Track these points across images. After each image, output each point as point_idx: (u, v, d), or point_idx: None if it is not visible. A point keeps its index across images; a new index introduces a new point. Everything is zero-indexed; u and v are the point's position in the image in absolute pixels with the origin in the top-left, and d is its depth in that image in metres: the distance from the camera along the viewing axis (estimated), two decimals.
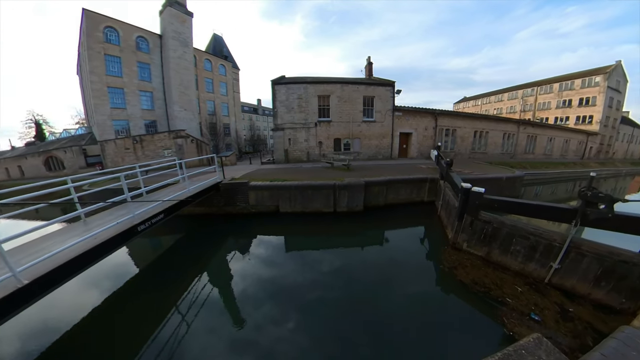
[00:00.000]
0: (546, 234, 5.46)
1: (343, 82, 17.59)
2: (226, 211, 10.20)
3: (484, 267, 6.18)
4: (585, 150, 34.98)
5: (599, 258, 4.99)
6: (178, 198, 7.17)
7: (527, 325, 4.57)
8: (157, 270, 7.08)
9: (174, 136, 19.95)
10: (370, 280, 6.24)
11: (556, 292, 5.39)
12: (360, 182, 10.20)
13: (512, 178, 13.26)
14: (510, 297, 5.20)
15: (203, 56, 29.21)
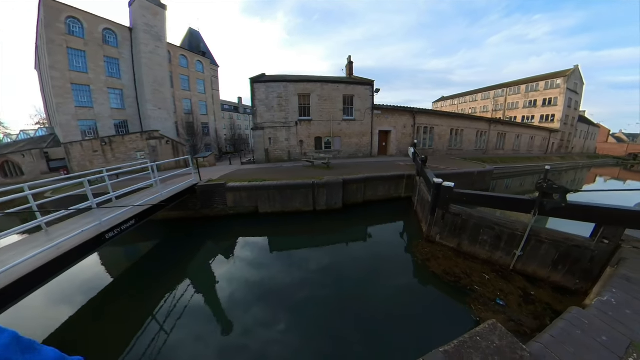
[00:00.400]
0: (510, 224, 5.84)
1: (323, 80, 17.62)
2: (204, 214, 9.93)
3: (455, 257, 6.49)
4: (549, 145, 37.82)
5: (556, 244, 5.42)
6: (150, 203, 6.85)
7: (492, 310, 4.86)
8: (133, 279, 6.70)
9: (147, 137, 18.95)
10: (354, 276, 6.35)
11: (520, 277, 5.78)
12: (338, 180, 10.31)
13: (483, 172, 14.03)
14: (478, 285, 5.50)
15: (178, 52, 27.85)
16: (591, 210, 4.93)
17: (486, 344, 2.37)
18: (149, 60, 23.21)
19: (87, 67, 20.59)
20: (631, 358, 2.43)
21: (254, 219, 9.98)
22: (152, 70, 23.38)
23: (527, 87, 43.04)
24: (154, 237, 8.91)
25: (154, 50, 23.53)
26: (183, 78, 28.21)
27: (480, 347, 2.33)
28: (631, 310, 3.10)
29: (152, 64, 23.43)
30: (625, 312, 3.05)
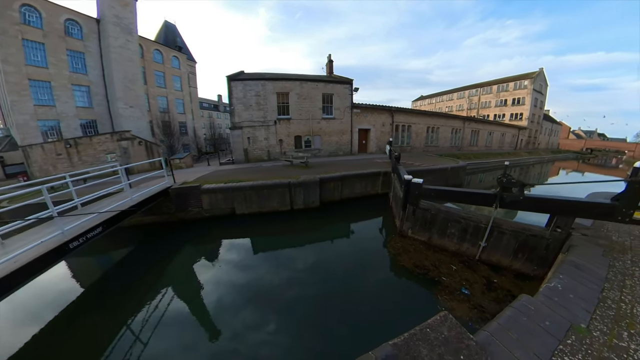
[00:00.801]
0: (474, 217, 6.07)
1: (302, 79, 17.43)
2: (179, 217, 9.54)
3: (425, 250, 6.67)
4: (518, 142, 40.17)
5: (515, 234, 5.70)
6: (118, 208, 6.49)
7: (457, 299, 5.03)
8: (106, 289, 6.22)
9: (117, 138, 17.77)
10: (334, 272, 6.39)
11: (485, 266, 6.05)
12: (315, 178, 10.29)
13: (456, 168, 14.57)
14: (446, 276, 5.68)
15: (152, 46, 26.27)
16: (545, 202, 5.22)
17: (435, 335, 2.41)
18: (119, 54, 21.78)
19: (47, 62, 18.93)
20: (569, 340, 2.57)
21: (231, 221, 9.72)
22: (122, 65, 21.97)
23: (499, 88, 45.39)
24: (128, 244, 8.40)
25: (125, 44, 22.10)
26: (158, 74, 26.74)
27: (428, 339, 2.36)
28: (575, 294, 3.30)
29: (123, 59, 22.01)
30: (569, 296, 3.24)
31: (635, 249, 5.10)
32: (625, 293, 3.55)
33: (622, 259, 4.60)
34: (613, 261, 4.47)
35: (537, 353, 2.37)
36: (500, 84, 45.19)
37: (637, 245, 5.31)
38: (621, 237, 5.69)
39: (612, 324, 2.87)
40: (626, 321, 2.96)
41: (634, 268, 4.30)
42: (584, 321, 2.84)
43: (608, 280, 3.82)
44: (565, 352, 2.43)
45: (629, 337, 2.70)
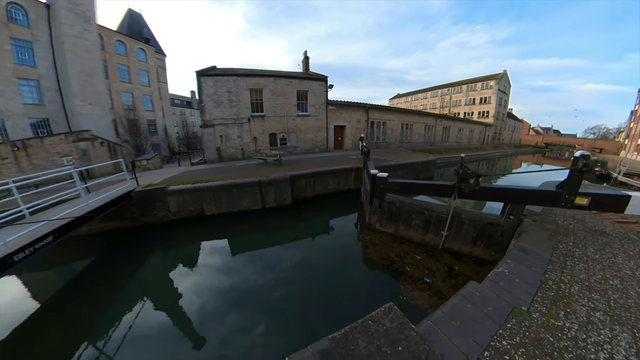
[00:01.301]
0: (436, 208, 6.18)
1: (276, 75, 16.97)
2: (144, 222, 8.87)
3: (392, 242, 6.72)
4: (485, 137, 42.59)
5: (474, 223, 5.88)
6: (72, 215, 5.87)
7: (419, 288, 5.08)
8: (66, 302, 5.53)
9: (74, 139, 16.12)
10: (307, 268, 6.28)
11: (447, 254, 6.20)
12: (285, 176, 10.08)
13: (427, 162, 15.03)
14: (409, 266, 5.73)
15: (114, 37, 23.99)
16: (499, 191, 5.43)
17: (376, 327, 2.32)
18: (74, 45, 19.71)
19: None
20: (510, 324, 2.59)
21: (200, 222, 9.23)
22: (78, 57, 19.93)
23: (468, 87, 47.81)
24: (90, 253, 7.59)
25: (80, 34, 20.04)
26: (121, 68, 24.50)
27: (369, 331, 2.26)
28: (520, 278, 3.38)
29: (79, 50, 19.96)
30: (514, 281, 3.32)
31: (577, 232, 5.47)
32: (565, 273, 3.73)
33: (565, 242, 4.89)
34: (557, 244, 4.72)
35: (476, 339, 2.34)
36: (469, 84, 47.63)
37: (578, 228, 5.70)
38: (566, 220, 6.09)
39: (551, 305, 2.96)
40: (564, 301, 3.07)
41: (575, 249, 4.58)
42: (525, 304, 2.90)
43: (551, 262, 4.00)
44: (504, 336, 2.44)
45: (564, 316, 2.79)
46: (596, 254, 4.45)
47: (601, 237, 5.24)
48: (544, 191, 5.06)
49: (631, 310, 2.98)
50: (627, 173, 19.28)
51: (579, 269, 3.87)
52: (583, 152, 4.37)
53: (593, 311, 2.91)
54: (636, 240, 5.20)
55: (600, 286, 3.45)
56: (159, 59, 30.06)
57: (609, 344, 2.47)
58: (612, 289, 3.40)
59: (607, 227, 5.90)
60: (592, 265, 4.01)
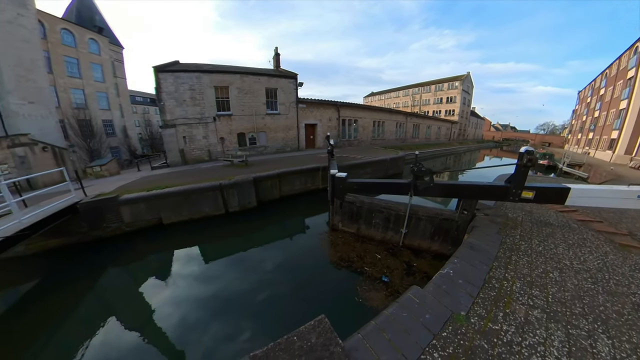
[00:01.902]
0: (394, 206, 6.07)
1: (243, 72, 16.09)
2: (94, 236, 7.85)
3: (354, 242, 6.54)
4: (451, 134, 44.90)
5: (431, 219, 5.84)
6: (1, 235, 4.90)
7: (376, 288, 4.91)
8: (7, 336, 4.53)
9: (9, 144, 13.96)
10: (269, 272, 5.98)
11: (407, 251, 6.13)
12: (248, 178, 9.54)
13: (396, 159, 15.22)
14: (369, 266, 5.56)
15: (59, 25, 20.87)
16: (452, 187, 5.42)
17: (301, 343, 2.03)
18: (8, 33, 16.98)
19: None
20: (445, 332, 2.40)
21: (159, 232, 8.38)
22: (12, 47, 17.21)
23: (436, 87, 49.98)
24: (31, 277, 6.37)
25: (15, 19, 17.30)
26: (70, 61, 21.51)
27: (292, 348, 1.97)
28: (463, 279, 3.27)
29: (14, 39, 17.25)
30: (458, 282, 3.19)
31: (524, 223, 5.65)
32: (510, 269, 3.71)
33: (513, 235, 4.98)
34: (505, 237, 4.78)
35: (406, 354, 2.12)
36: (437, 84, 49.82)
37: (526, 219, 5.91)
38: (515, 212, 6.31)
39: (491, 306, 2.85)
40: (504, 300, 2.99)
41: (521, 242, 4.65)
42: (465, 308, 2.76)
43: (497, 258, 3.99)
44: (437, 348, 2.24)
45: (503, 318, 2.68)
46: (540, 246, 4.56)
47: (545, 228, 5.45)
48: (494, 186, 5.13)
49: (567, 305, 2.97)
50: (570, 164, 21.38)
51: (522, 263, 3.89)
52: (527, 148, 4.48)
53: (531, 309, 2.85)
54: (575, 229, 5.49)
55: (541, 280, 3.46)
56: (115, 51, 27.14)
57: (543, 346, 2.38)
58: (551, 282, 3.42)
59: (551, 217, 6.20)
60: (535, 259, 4.07)
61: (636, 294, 3.23)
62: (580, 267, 3.86)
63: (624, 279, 3.56)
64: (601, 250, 4.52)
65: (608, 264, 4.00)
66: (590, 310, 2.89)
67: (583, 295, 3.17)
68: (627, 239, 4.99)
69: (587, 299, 3.10)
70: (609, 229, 5.51)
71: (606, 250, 4.53)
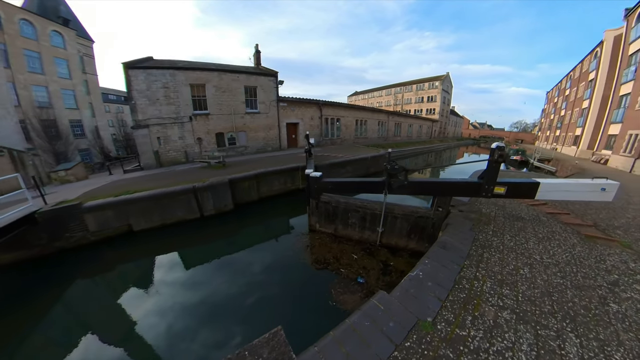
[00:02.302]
0: (370, 204, 5.87)
1: (220, 69, 15.38)
2: (57, 248, 7.11)
3: (331, 243, 6.30)
4: (432, 132, 46.05)
5: (407, 217, 5.69)
6: None
7: (351, 290, 4.68)
8: None
9: None
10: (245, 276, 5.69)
11: (385, 250, 5.96)
12: (224, 180, 9.06)
13: (377, 157, 15.16)
14: (345, 267, 5.33)
15: (16, 14, 18.91)
16: (426, 185, 5.31)
17: (252, 358, 1.71)
18: None
19: None
20: (409, 342, 2.18)
21: (129, 240, 7.75)
22: None
23: (417, 87, 51.03)
24: None
25: None
26: (30, 55, 19.57)
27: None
28: (433, 281, 3.08)
29: None
30: (427, 285, 3.00)
31: (497, 218, 5.64)
32: (481, 268, 3.58)
33: (486, 230, 4.92)
34: (478, 234, 4.70)
35: None
36: (418, 83, 50.89)
37: (499, 214, 5.91)
38: (489, 208, 6.31)
39: (460, 310, 2.67)
40: (474, 302, 2.83)
41: (493, 238, 4.59)
42: (432, 313, 2.56)
43: (469, 256, 3.86)
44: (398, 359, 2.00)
45: (471, 323, 2.51)
46: (512, 241, 4.52)
47: (517, 222, 5.47)
48: (466, 182, 5.05)
49: (536, 303, 2.85)
50: (540, 159, 22.48)
51: (494, 260, 3.79)
52: (498, 144, 4.40)
53: (501, 311, 2.70)
54: (545, 222, 5.54)
55: (512, 278, 3.35)
56: (85, 45, 25.07)
57: (511, 351, 2.21)
58: (522, 279, 3.32)
59: (522, 211, 6.25)
60: (506, 255, 3.99)
61: (602, 286, 3.19)
62: (550, 262, 3.82)
63: (590, 271, 3.54)
64: (569, 242, 4.54)
65: (576, 257, 3.99)
66: (559, 307, 2.79)
67: (552, 291, 3.08)
68: (592, 230, 5.09)
69: (556, 295, 3.00)
70: (576, 220, 5.62)
71: (574, 242, 4.56)
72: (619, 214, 6.10)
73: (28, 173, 14.80)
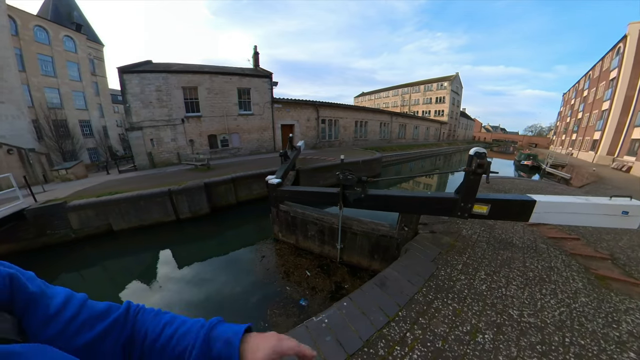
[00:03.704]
0: (327, 217, 5.31)
1: (212, 72, 15.24)
2: (42, 243, 7.57)
3: (289, 255, 5.84)
4: (440, 134, 44.13)
5: (367, 235, 5.06)
6: None
7: (288, 314, 4.21)
8: None
9: None
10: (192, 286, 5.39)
11: (345, 269, 5.36)
12: (199, 184, 8.88)
13: (369, 160, 14.40)
14: (292, 285, 4.86)
15: (31, 21, 19.85)
16: (388, 199, 4.39)
17: None
18: None
19: None
20: None
21: (109, 239, 8.02)
22: None
23: (425, 87, 49.16)
24: None
25: None
26: (44, 59, 20.44)
27: None
28: (335, 335, 2.46)
29: None
30: (324, 339, 2.39)
31: (478, 244, 4.40)
32: (420, 324, 2.55)
33: (454, 263, 3.77)
34: (441, 268, 3.63)
35: None
36: (426, 84, 49.00)
37: (482, 238, 4.61)
38: (473, 229, 5.03)
39: None
40: None
41: (460, 276, 3.43)
42: None
43: (411, 303, 2.87)
44: None
45: None
46: (484, 282, 3.29)
47: (504, 251, 4.14)
48: (437, 198, 3.90)
49: None
50: (553, 164, 20.62)
51: (445, 314, 2.68)
52: (477, 150, 3.23)
53: None
54: (543, 252, 4.17)
55: (459, 348, 2.22)
56: (95, 48, 25.96)
57: None
58: (474, 352, 2.19)
59: (516, 233, 4.89)
60: (468, 305, 2.84)
61: None
62: (531, 322, 2.57)
63: (593, 343, 2.24)
64: (570, 287, 3.24)
65: (574, 314, 2.71)
66: None
67: None
68: (607, 266, 3.81)
69: None
70: (586, 250, 4.23)
71: (577, 287, 3.24)
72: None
73: (35, 171, 15.34)
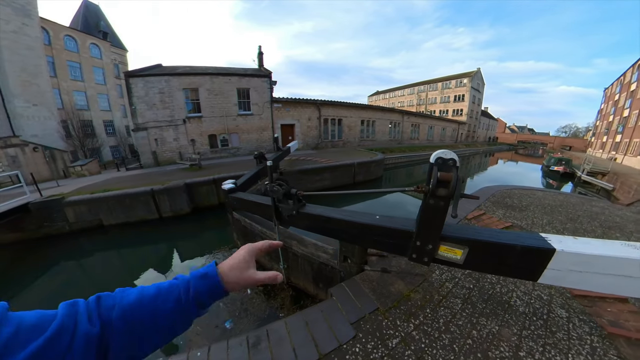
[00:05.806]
0: (269, 233, 4.62)
1: (212, 73, 15.17)
2: (44, 233, 8.38)
3: None
4: (458, 135, 40.87)
5: (308, 259, 4.23)
6: None
7: (206, 334, 3.65)
8: None
9: (1, 145, 14.44)
10: None
11: (290, 293, 4.63)
12: (179, 184, 8.88)
13: (367, 163, 13.35)
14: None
15: (62, 32, 21.54)
16: (326, 221, 2.56)
17: None
18: (13, 42, 17.63)
19: None
20: None
21: (100, 233, 8.59)
22: (17, 55, 17.87)
23: (443, 85, 45.85)
24: None
25: (20, 29, 17.93)
26: (73, 65, 22.10)
27: None
28: None
29: (18, 47, 17.88)
30: None
31: (448, 300, 2.34)
32: None
33: (385, 336, 1.96)
34: (354, 342, 1.94)
35: None
36: (443, 81, 45.69)
37: (459, 290, 2.49)
38: (449, 271, 2.82)
39: None
40: None
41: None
42: None
43: None
44: None
45: None
46: None
47: (489, 320, 2.05)
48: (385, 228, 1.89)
49: None
50: (591, 171, 16.69)
51: None
52: (441, 154, 1.35)
53: None
54: (559, 324, 2.02)
55: None
56: (119, 54, 27.63)
57: None
58: None
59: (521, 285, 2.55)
60: None
61: None
62: None
63: None
64: None
65: None
66: None
67: None
68: None
69: None
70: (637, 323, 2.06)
71: None
72: None
73: (57, 166, 16.52)
